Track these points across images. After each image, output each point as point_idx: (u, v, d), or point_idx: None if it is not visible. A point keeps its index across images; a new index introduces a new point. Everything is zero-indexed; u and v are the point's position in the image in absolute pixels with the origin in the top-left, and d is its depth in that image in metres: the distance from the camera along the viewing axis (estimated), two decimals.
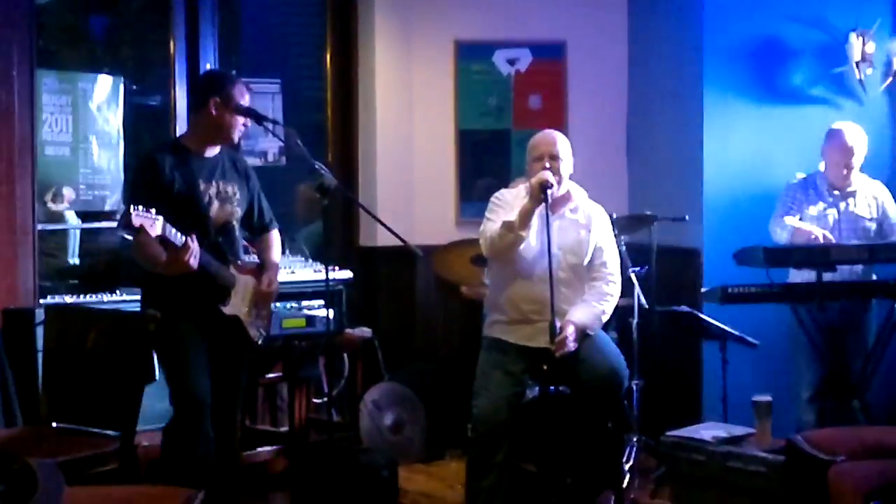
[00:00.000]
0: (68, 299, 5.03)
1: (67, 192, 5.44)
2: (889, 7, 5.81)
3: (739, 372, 5.16)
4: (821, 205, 5.25)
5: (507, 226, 4.51)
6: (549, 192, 4.43)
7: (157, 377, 4.27)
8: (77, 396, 4.17)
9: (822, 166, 5.32)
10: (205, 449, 4.13)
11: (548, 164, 4.55)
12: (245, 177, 4.37)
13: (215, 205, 4.20)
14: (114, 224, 5.45)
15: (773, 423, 4.62)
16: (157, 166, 4.12)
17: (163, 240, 3.91)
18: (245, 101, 4.22)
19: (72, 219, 5.61)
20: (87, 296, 5.08)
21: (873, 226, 5.28)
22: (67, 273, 5.46)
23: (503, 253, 4.60)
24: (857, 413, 5.02)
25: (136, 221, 3.80)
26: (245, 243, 4.45)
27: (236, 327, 4.24)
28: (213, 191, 4.20)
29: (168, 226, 3.88)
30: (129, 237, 3.95)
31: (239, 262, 4.30)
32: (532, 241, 4.54)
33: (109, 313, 4.44)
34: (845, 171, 5.22)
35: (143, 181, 4.14)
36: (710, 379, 5.51)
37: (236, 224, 4.30)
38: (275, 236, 4.52)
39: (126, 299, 4.99)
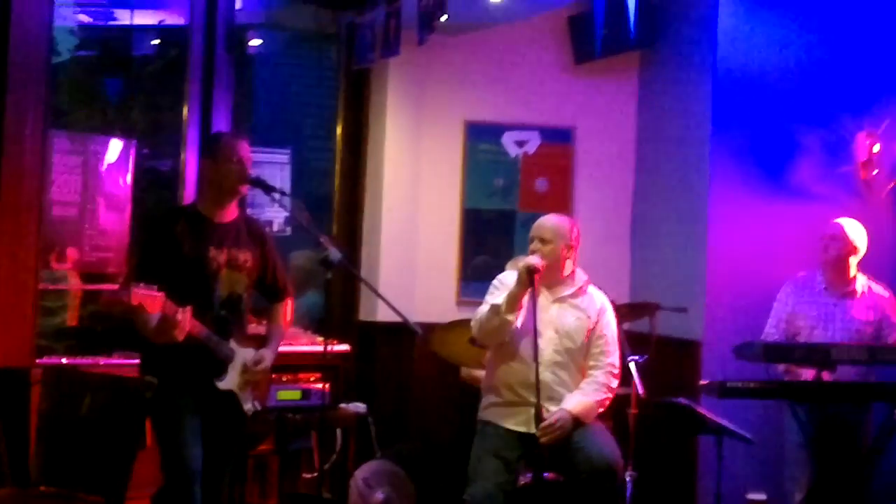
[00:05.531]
0: (64, 360, 5.02)
1: (71, 253, 5.45)
2: None
3: (735, 467, 5.12)
4: (816, 307, 5.26)
5: (494, 309, 4.54)
6: (535, 276, 4.46)
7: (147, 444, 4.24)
8: (68, 459, 4.13)
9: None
10: None
11: (536, 247, 4.59)
12: (260, 242, 4.34)
13: (224, 272, 4.18)
14: (115, 287, 5.44)
15: None
16: (166, 229, 4.13)
17: (159, 316, 3.91)
18: (236, 153, 4.18)
19: (73, 280, 5.60)
20: (83, 357, 5.06)
21: (869, 329, 5.25)
22: (65, 334, 5.44)
23: (491, 336, 4.62)
24: None
25: (136, 300, 3.80)
26: (251, 316, 4.43)
27: (231, 400, 4.21)
28: (222, 258, 4.17)
29: (168, 303, 3.88)
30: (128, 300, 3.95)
31: (241, 335, 4.28)
32: (526, 324, 4.54)
33: (106, 378, 4.42)
34: (839, 266, 5.23)
35: (150, 243, 4.16)
36: (704, 473, 5.47)
37: (244, 294, 4.27)
38: (286, 306, 4.49)
39: (122, 363, 4.97)
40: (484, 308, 4.63)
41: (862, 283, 5.31)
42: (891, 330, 5.27)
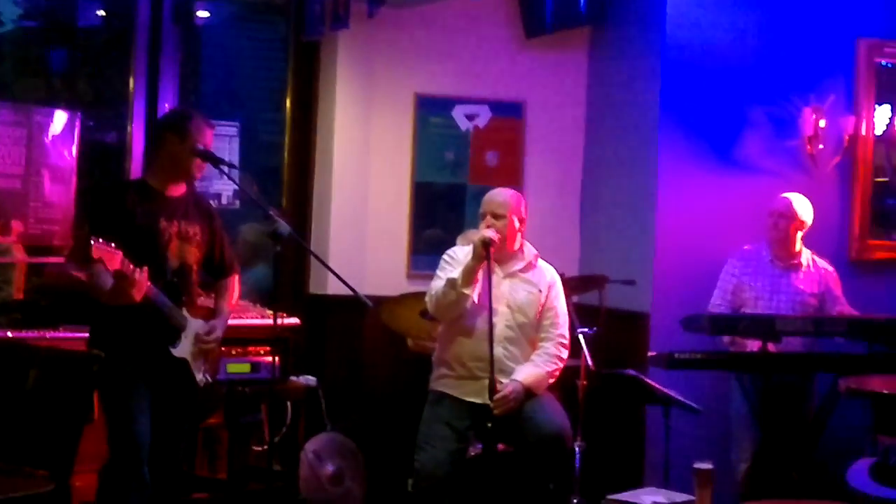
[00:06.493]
0: (10, 334, 4.95)
1: (16, 226, 5.38)
2: (843, 84, 5.92)
3: (682, 437, 5.17)
4: (762, 278, 5.32)
5: (451, 283, 4.55)
6: (490, 249, 4.47)
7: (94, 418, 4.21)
8: (13, 434, 4.08)
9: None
10: (140, 494, 4.07)
11: (490, 223, 4.60)
12: (208, 217, 4.35)
13: (175, 244, 4.17)
14: (61, 259, 5.37)
15: (714, 490, 4.63)
16: (118, 199, 4.12)
17: (117, 273, 3.87)
18: (204, 138, 4.20)
19: (18, 252, 5.53)
20: (29, 331, 4.99)
21: (814, 301, 5.33)
22: (10, 307, 5.36)
23: (447, 311, 4.63)
24: (795, 485, 5.05)
25: (97, 253, 3.78)
26: (199, 289, 4.41)
27: (183, 370, 4.19)
28: (173, 230, 4.17)
29: (126, 261, 3.86)
30: (79, 274, 3.92)
31: (192, 305, 4.26)
32: (479, 298, 4.56)
33: (53, 351, 4.37)
34: (787, 242, 5.30)
35: (101, 212, 4.12)
36: (652, 443, 5.53)
37: (195, 266, 4.26)
38: (233, 282, 4.49)
39: (68, 336, 4.91)
40: (438, 283, 4.63)
41: (807, 256, 5.39)
42: (834, 302, 5.37)
